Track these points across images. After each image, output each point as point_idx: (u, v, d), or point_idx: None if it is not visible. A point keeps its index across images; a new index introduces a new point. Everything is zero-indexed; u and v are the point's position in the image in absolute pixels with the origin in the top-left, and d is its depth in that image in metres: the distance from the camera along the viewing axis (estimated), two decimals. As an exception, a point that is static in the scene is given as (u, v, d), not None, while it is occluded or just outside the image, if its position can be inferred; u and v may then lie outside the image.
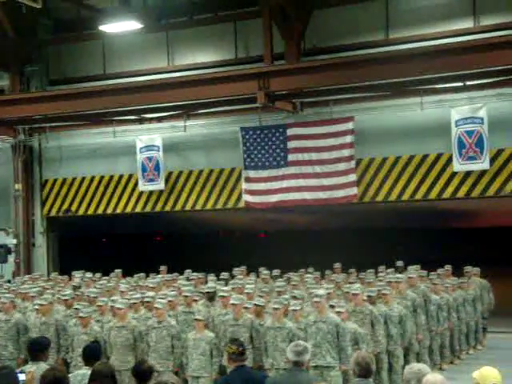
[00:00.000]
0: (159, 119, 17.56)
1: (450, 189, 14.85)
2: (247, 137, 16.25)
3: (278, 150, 16.04)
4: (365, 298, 10.51)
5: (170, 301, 10.49)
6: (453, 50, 13.24)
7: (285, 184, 16.03)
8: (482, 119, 14.19)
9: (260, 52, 15.65)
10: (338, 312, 9.43)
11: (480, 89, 14.42)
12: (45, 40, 18.85)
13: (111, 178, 18.32)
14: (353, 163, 15.36)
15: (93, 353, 6.67)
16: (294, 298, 10.46)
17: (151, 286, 12.52)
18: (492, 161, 14.30)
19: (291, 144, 15.90)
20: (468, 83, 14.40)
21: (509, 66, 13.45)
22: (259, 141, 16.18)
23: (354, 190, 15.43)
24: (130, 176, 18.04)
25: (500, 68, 13.56)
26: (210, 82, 15.11)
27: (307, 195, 15.86)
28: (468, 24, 14.76)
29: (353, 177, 15.40)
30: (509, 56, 12.82)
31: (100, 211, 18.48)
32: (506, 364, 11.82)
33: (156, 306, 9.74)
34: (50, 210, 18.99)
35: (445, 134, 14.47)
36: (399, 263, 15.21)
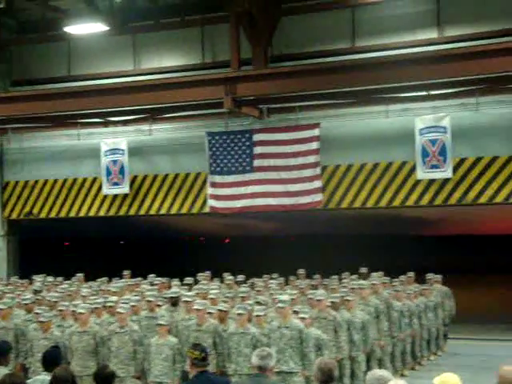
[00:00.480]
0: (124, 122, 17.44)
1: (414, 196, 15.02)
2: (213, 142, 16.23)
3: (243, 156, 16.04)
4: (328, 304, 10.55)
5: (132, 306, 10.40)
6: (417, 60, 13.41)
7: (250, 190, 16.03)
8: (446, 128, 14.39)
9: (227, 57, 15.66)
10: (301, 318, 9.44)
11: (444, 98, 14.63)
12: (8, 40, 18.60)
13: (75, 180, 18.13)
14: (318, 170, 15.44)
15: (53, 358, 6.56)
16: (258, 303, 10.45)
17: (114, 290, 12.39)
18: (455, 169, 14.51)
19: (257, 150, 15.92)
20: (432, 93, 14.60)
21: (471, 77, 13.67)
22: (225, 146, 16.17)
23: (319, 197, 15.50)
24: (94, 179, 17.87)
25: (463, 78, 13.77)
26: (177, 86, 15.06)
27: (272, 201, 15.89)
28: (432, 34, 14.97)
29: (318, 183, 15.47)
30: (471, 67, 13.02)
31: (63, 214, 18.26)
32: (466, 370, 11.99)
33: (118, 310, 9.64)
34: (10, 213, 18.70)
35: (409, 143, 14.64)
36: (363, 270, 15.31)
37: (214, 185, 16.31)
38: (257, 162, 15.93)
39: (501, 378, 5.19)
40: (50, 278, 14.66)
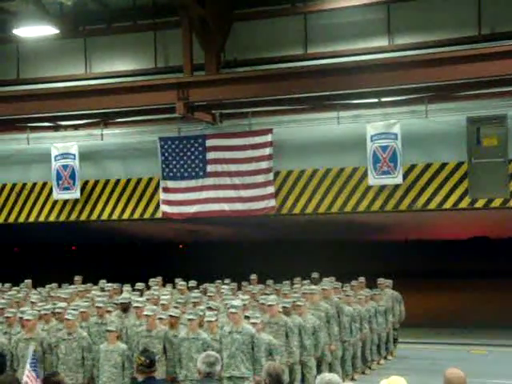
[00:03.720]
0: (75, 127, 17.21)
1: (365, 202, 15.19)
2: (166, 147, 16.14)
3: (196, 161, 16.00)
4: (280, 309, 10.59)
5: (82, 312, 10.27)
6: (368, 67, 13.58)
7: (203, 195, 15.99)
8: (396, 135, 14.60)
9: (180, 62, 15.60)
10: (253, 323, 9.45)
11: (394, 105, 14.85)
12: (-44, 41, 18.17)
13: (24, 185, 17.81)
14: (271, 175, 15.50)
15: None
16: (210, 309, 10.43)
17: (64, 296, 12.21)
18: (405, 176, 14.72)
19: (210, 155, 15.90)
20: (383, 100, 14.80)
21: (421, 85, 13.92)
22: (178, 151, 16.10)
23: (272, 202, 15.55)
24: (44, 184, 17.59)
25: (413, 86, 14.00)
26: (129, 91, 14.94)
27: (226, 206, 15.88)
28: (383, 42, 15.19)
29: (271, 189, 15.53)
30: (421, 75, 13.26)
31: (12, 220, 17.91)
32: (415, 373, 12.18)
33: (66, 317, 9.51)
34: (-43, 218, 18.26)
35: (360, 149, 14.80)
36: (314, 275, 15.42)
37: (166, 190, 16.22)
38: (210, 168, 15.91)
39: (446, 380, 5.28)
40: (-2, 285, 14.38)
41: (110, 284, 13.88)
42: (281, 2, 15.60)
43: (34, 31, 15.16)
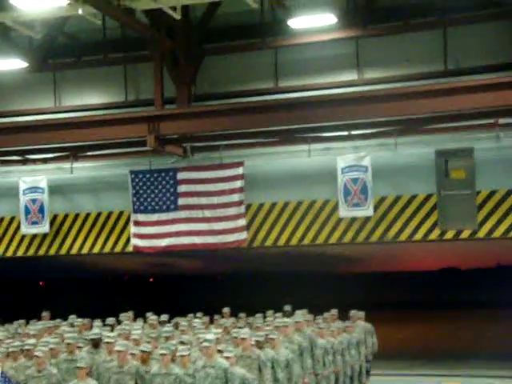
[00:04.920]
0: (44, 160, 17.07)
1: (337, 234, 15.25)
2: (137, 180, 16.10)
3: (168, 194, 15.97)
4: (252, 342, 10.51)
5: (51, 348, 10.08)
6: (338, 101, 13.75)
7: (175, 228, 15.93)
8: (366, 167, 14.75)
9: (150, 95, 15.64)
10: (226, 357, 9.36)
11: (364, 138, 15.02)
12: None
13: (-8, 220, 17.56)
14: (242, 208, 15.51)
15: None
16: (182, 343, 10.31)
17: (32, 333, 11.98)
18: (375, 208, 14.84)
19: (181, 188, 15.88)
20: (353, 133, 14.97)
21: (390, 118, 14.12)
22: (149, 184, 16.06)
23: (244, 235, 15.54)
24: (12, 218, 17.36)
25: (382, 119, 14.20)
26: (99, 124, 14.91)
27: (197, 239, 15.83)
28: (352, 76, 15.41)
29: (242, 221, 15.52)
30: (390, 108, 13.46)
31: (-22, 255, 17.62)
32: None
33: (36, 354, 9.32)
34: None
35: (331, 181, 14.91)
36: (287, 307, 15.36)
37: (137, 223, 16.13)
38: (181, 201, 15.88)
39: None
40: (-36, 322, 14.06)
41: (79, 319, 13.66)
42: (251, 36, 15.78)
43: (2, 64, 15.14)
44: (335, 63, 15.50)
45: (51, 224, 16.89)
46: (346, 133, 15.01)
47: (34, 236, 17.09)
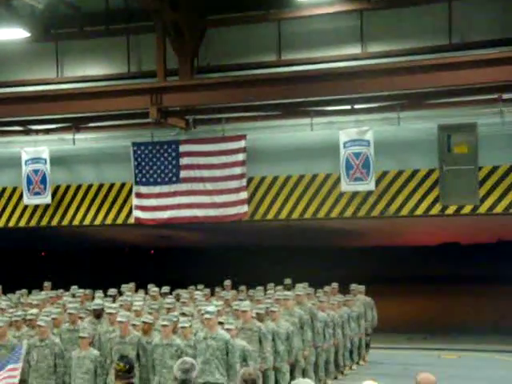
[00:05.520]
0: (47, 131, 17.04)
1: (338, 208, 15.26)
2: (139, 152, 16.07)
3: (170, 167, 15.96)
4: (253, 315, 10.59)
5: (54, 318, 10.16)
6: (341, 74, 13.68)
7: (176, 200, 15.94)
8: (369, 142, 14.71)
9: (153, 67, 15.54)
10: (227, 329, 9.45)
11: (367, 113, 14.95)
12: None
13: (-6, 190, 17.59)
14: (244, 181, 15.50)
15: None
16: (183, 314, 10.40)
17: (34, 302, 12.07)
18: (377, 182, 14.83)
19: (183, 161, 15.86)
20: (356, 107, 14.90)
21: (393, 92, 14.05)
22: (151, 156, 16.04)
23: (245, 208, 15.56)
24: (15, 189, 17.38)
25: (385, 94, 14.13)
26: (101, 96, 14.84)
27: (198, 212, 15.85)
28: (356, 50, 15.30)
29: (244, 195, 15.53)
30: (393, 82, 13.39)
31: (-20, 225, 17.66)
32: (387, 378, 12.26)
33: (39, 323, 9.41)
34: None
35: (333, 155, 14.88)
36: (287, 281, 15.45)
37: (139, 195, 16.14)
38: (183, 173, 15.87)
39: None
40: (-34, 291, 14.16)
41: (81, 290, 13.77)
42: (255, 8, 15.64)
43: (4, 34, 15.02)
44: (339, 36, 15.38)
45: (53, 195, 16.90)
46: (348, 107, 14.94)
47: (36, 207, 17.12)
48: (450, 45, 14.64)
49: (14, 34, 15.02)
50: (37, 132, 17.10)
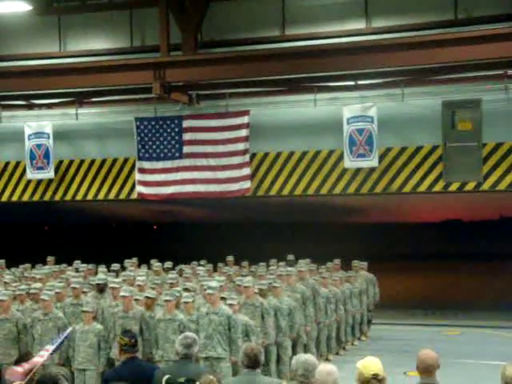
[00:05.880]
0: (50, 106, 17.00)
1: (341, 185, 15.25)
2: (142, 127, 16.03)
3: (173, 142, 15.92)
4: (256, 290, 10.64)
5: (57, 292, 10.22)
6: (345, 50, 13.58)
7: (179, 176, 15.93)
8: (372, 118, 14.64)
9: (156, 42, 15.43)
10: (229, 304, 9.50)
11: (371, 88, 14.87)
12: None
13: (-3, 165, 17.60)
14: (247, 157, 15.47)
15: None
16: (186, 290, 10.45)
17: (38, 277, 12.14)
18: (380, 159, 14.79)
19: (186, 136, 15.82)
20: (359, 82, 14.82)
21: (397, 68, 13.95)
22: (154, 132, 16.00)
23: (248, 184, 15.55)
24: (18, 163, 17.38)
25: (389, 69, 14.04)
26: (104, 70, 14.77)
27: (201, 188, 15.85)
28: (360, 25, 15.16)
29: (247, 170, 15.51)
30: (397, 58, 13.29)
31: (-16, 200, 17.70)
32: (389, 354, 12.35)
33: (42, 297, 9.47)
34: None
35: (337, 131, 14.83)
36: (290, 257, 15.51)
37: (142, 171, 16.13)
38: (186, 149, 15.84)
39: (419, 360, 5.37)
40: (-30, 265, 14.23)
41: (84, 265, 13.83)
42: (259, -18, 15.50)
43: (6, 7, 14.93)
44: (343, 11, 15.23)
45: (56, 170, 16.90)
46: (352, 83, 14.86)
47: (40, 181, 17.14)
48: (455, 20, 14.49)
49: (16, 6, 14.92)
50: (40, 106, 17.06)
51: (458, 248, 55.23)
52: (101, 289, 10.74)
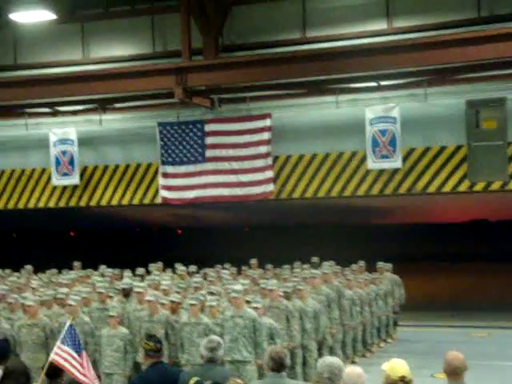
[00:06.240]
0: (74, 112, 17.17)
1: (365, 186, 15.18)
2: (165, 132, 16.12)
3: (195, 146, 15.99)
4: (280, 293, 10.63)
5: (83, 297, 10.30)
6: (367, 51, 13.53)
7: (202, 180, 15.99)
8: (395, 119, 14.57)
9: (178, 47, 15.52)
10: (254, 307, 9.50)
11: (393, 89, 14.80)
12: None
13: (23, 171, 17.80)
14: (270, 160, 15.48)
15: (1, 351, 6.45)
16: (211, 293, 10.47)
17: (64, 282, 12.25)
18: (404, 159, 14.71)
19: (209, 140, 15.87)
20: (382, 83, 14.76)
21: (420, 68, 13.87)
22: (177, 136, 16.08)
23: (271, 187, 15.55)
24: (43, 170, 17.58)
25: (412, 69, 13.96)
26: (127, 76, 14.89)
27: (224, 191, 15.88)
28: (382, 25, 15.10)
29: (270, 173, 15.52)
30: (420, 58, 13.22)
31: (11, 206, 17.91)
32: (415, 356, 12.25)
33: (69, 302, 9.55)
34: (-43, 205, 18.26)
35: (359, 133, 14.78)
36: (314, 259, 15.47)
37: (165, 175, 16.22)
38: (209, 153, 15.89)
39: (447, 362, 5.33)
40: (-1, 271, 14.41)
41: (110, 269, 13.92)
42: (279, -15, 15.51)
43: (30, 16, 15.10)
44: (364, 12, 15.19)
45: (81, 176, 17.07)
46: (374, 83, 14.80)
47: (65, 187, 17.31)
48: (478, 18, 14.38)
49: (41, 16, 15.09)
50: (64, 113, 17.24)
51: (484, 248, 54.63)
52: (126, 293, 10.81)
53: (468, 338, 15.44)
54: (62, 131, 17.00)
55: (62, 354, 6.06)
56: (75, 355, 6.20)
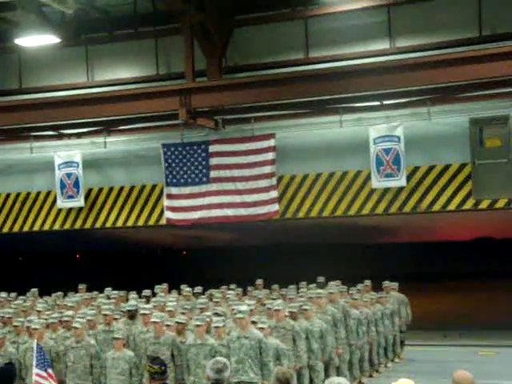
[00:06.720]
0: (78, 135, 17.24)
1: (369, 205, 15.18)
2: (169, 153, 16.18)
3: (200, 167, 16.03)
4: (286, 313, 10.58)
5: (89, 320, 10.28)
6: (370, 70, 13.60)
7: (207, 201, 16.01)
8: (399, 137, 14.60)
9: (181, 69, 15.64)
10: (260, 328, 9.45)
11: (396, 108, 14.85)
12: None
13: (28, 194, 17.85)
14: (274, 180, 15.50)
15: (7, 375, 6.44)
16: (217, 314, 10.43)
17: (70, 304, 12.23)
18: (408, 178, 14.72)
19: (213, 161, 15.91)
20: (385, 102, 14.80)
21: (423, 87, 13.92)
22: (181, 157, 16.13)
23: (276, 207, 15.56)
24: (48, 193, 17.62)
25: (415, 88, 14.01)
26: (131, 98, 14.98)
27: (229, 212, 15.89)
28: (384, 45, 15.20)
29: (274, 193, 15.53)
30: (422, 77, 13.27)
31: (16, 229, 17.94)
32: (423, 376, 12.16)
33: (74, 325, 9.52)
34: (-38, 228, 18.29)
35: (363, 152, 14.81)
36: (320, 279, 15.42)
37: (170, 196, 16.24)
38: (213, 173, 15.92)
39: (455, 382, 5.28)
40: (4, 294, 14.38)
41: (115, 291, 13.89)
42: (281, 6, 15.64)
43: (35, 40, 15.23)
44: (366, 32, 15.29)
45: (86, 198, 17.11)
46: (378, 103, 14.85)
47: (70, 210, 17.34)
48: (480, 37, 14.46)
49: (45, 40, 15.22)
50: (69, 136, 17.32)
51: (491, 266, 54.38)
52: (132, 315, 10.77)
53: (476, 357, 15.32)
54: (66, 154, 17.07)
55: (37, 378, 6.24)
56: (44, 374, 6.44)
